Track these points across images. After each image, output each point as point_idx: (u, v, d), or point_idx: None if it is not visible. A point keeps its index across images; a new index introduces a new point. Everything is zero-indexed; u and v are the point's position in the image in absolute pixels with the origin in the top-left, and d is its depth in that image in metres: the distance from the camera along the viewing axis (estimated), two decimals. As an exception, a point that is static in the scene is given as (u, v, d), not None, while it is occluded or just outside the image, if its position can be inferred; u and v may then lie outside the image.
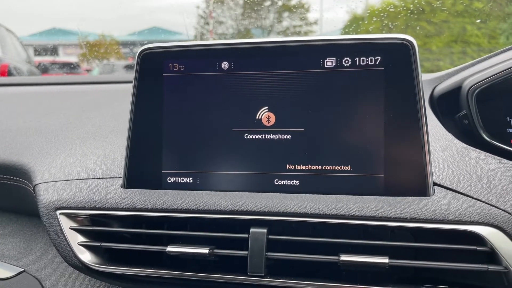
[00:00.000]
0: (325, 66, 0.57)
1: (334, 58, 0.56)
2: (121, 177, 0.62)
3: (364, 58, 0.55)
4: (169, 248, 0.56)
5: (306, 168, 0.57)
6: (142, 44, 0.62)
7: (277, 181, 0.58)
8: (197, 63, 0.60)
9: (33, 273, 0.76)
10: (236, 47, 0.59)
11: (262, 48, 0.58)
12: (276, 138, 0.58)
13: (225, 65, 0.59)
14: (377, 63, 0.55)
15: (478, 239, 0.50)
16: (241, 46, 0.59)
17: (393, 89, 0.55)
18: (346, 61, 0.56)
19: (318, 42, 0.56)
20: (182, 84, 0.61)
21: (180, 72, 0.61)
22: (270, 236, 0.54)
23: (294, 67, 0.57)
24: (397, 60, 0.54)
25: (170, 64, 0.61)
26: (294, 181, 0.57)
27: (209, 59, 0.60)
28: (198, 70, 0.60)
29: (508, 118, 0.66)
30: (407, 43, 0.54)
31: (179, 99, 0.61)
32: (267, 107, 0.58)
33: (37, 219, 0.79)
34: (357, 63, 0.56)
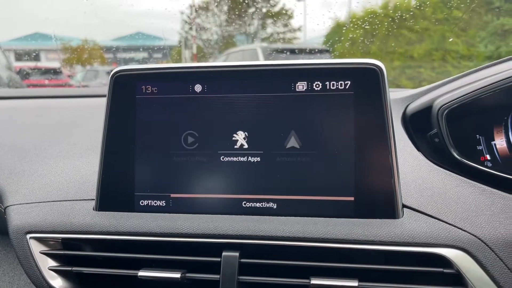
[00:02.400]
0: (297, 90, 0.57)
1: (305, 82, 0.57)
2: (94, 199, 0.62)
3: (334, 82, 0.56)
4: (141, 273, 0.56)
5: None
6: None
7: (249, 204, 0.58)
8: (170, 85, 0.60)
9: None
10: (208, 70, 0.59)
11: (235, 72, 0.58)
12: (248, 160, 0.58)
13: (198, 87, 0.59)
14: (347, 87, 0.56)
15: (445, 261, 0.51)
16: (213, 70, 0.59)
17: (362, 113, 0.55)
18: (317, 85, 0.57)
19: (290, 66, 0.57)
20: (155, 106, 0.60)
21: (153, 94, 0.61)
22: (242, 260, 0.54)
23: (266, 90, 0.58)
24: (366, 85, 0.55)
25: (143, 87, 0.61)
26: (267, 203, 0.58)
27: (182, 81, 0.60)
28: (171, 92, 0.60)
29: (478, 136, 0.67)
30: (375, 68, 0.55)
31: (152, 121, 0.60)
32: (240, 130, 0.58)
33: (9, 238, 0.77)
34: (328, 87, 0.56)
